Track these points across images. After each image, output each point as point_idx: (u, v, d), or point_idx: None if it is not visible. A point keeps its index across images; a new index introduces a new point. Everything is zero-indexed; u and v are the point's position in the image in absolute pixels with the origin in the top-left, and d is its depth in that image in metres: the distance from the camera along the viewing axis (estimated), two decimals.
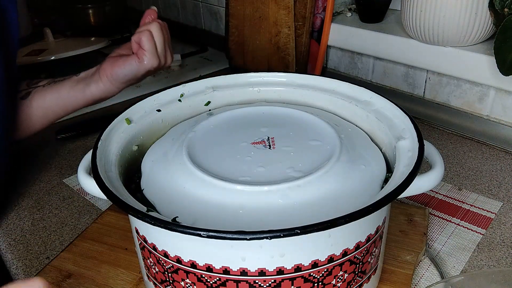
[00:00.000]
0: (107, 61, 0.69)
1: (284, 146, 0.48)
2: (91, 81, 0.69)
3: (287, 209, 0.40)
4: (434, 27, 0.74)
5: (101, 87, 0.68)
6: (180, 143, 0.49)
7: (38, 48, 1.14)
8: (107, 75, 0.68)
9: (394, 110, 0.51)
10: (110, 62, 0.68)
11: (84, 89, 0.69)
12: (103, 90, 0.69)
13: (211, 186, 0.42)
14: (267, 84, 0.61)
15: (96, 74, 0.69)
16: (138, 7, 1.66)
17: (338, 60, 1.01)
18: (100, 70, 0.68)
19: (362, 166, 0.46)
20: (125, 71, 0.67)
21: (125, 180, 0.47)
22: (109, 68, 0.68)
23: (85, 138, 0.86)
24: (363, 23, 0.92)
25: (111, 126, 0.50)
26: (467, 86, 0.80)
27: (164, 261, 0.40)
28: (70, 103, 0.70)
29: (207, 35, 1.34)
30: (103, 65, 0.69)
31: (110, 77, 0.68)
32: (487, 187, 0.67)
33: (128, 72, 0.67)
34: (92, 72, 0.70)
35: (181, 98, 0.59)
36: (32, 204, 0.69)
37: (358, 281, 0.43)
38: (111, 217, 0.62)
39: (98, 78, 0.68)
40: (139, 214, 0.36)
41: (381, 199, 0.36)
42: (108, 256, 0.55)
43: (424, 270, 0.53)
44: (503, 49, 0.64)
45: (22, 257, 0.58)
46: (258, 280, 0.38)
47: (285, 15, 0.95)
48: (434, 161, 0.44)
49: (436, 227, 0.60)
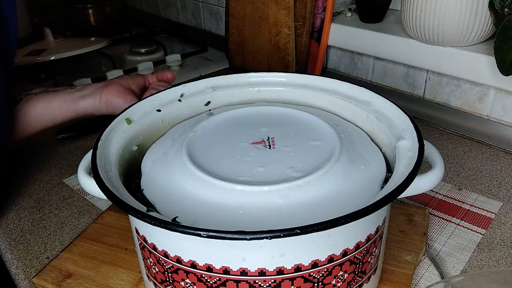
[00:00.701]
0: (114, 86, 0.70)
1: (284, 146, 0.48)
2: (89, 96, 0.70)
3: (287, 209, 0.40)
4: (434, 27, 0.74)
5: (96, 105, 0.70)
6: (180, 143, 0.49)
7: (38, 48, 1.14)
8: (107, 99, 0.69)
9: (394, 110, 0.51)
10: (117, 90, 0.70)
11: (79, 101, 0.69)
12: (97, 108, 0.70)
13: (211, 186, 0.42)
14: (267, 84, 0.61)
15: (97, 91, 0.70)
16: (138, 7, 1.67)
17: (338, 60, 1.01)
18: (104, 91, 0.70)
19: (362, 166, 0.46)
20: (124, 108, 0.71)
21: (125, 180, 0.47)
22: (114, 95, 0.69)
23: (85, 138, 0.86)
24: (363, 23, 0.92)
25: (111, 126, 0.50)
26: (467, 86, 0.80)
27: (164, 261, 0.40)
28: (60, 114, 0.70)
29: (207, 35, 1.34)
30: (109, 87, 0.70)
31: (108, 102, 0.69)
32: (487, 187, 0.67)
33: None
34: (94, 88, 0.71)
35: (181, 98, 0.59)
36: (32, 204, 0.69)
37: (358, 281, 0.43)
38: (111, 217, 0.62)
39: (98, 96, 0.69)
40: (139, 214, 0.36)
41: (381, 199, 0.36)
42: (108, 256, 0.55)
43: (424, 270, 0.53)
44: (503, 49, 0.64)
45: (22, 257, 0.58)
46: (258, 280, 0.38)
47: (285, 15, 0.95)
48: (434, 161, 0.44)
49: (436, 227, 0.60)
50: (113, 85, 0.71)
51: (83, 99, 0.69)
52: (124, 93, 0.70)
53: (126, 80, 0.73)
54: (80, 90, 0.71)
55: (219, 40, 1.24)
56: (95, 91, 0.70)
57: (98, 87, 0.71)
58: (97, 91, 0.70)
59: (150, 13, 1.61)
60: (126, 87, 0.72)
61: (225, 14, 1.10)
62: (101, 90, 0.70)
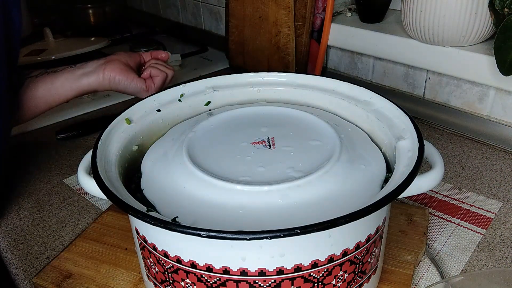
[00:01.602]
0: (116, 63, 0.74)
1: (284, 146, 0.48)
2: (92, 73, 0.72)
3: (287, 209, 0.40)
4: (434, 27, 0.74)
5: (100, 80, 0.72)
6: (180, 143, 0.49)
7: (38, 48, 1.14)
8: (110, 75, 0.72)
9: (394, 110, 0.51)
10: (119, 67, 0.73)
11: (82, 79, 0.72)
12: (100, 84, 0.73)
13: (211, 186, 0.42)
14: (267, 84, 0.61)
15: (100, 68, 0.72)
16: (138, 7, 1.67)
17: (338, 60, 1.01)
18: (107, 67, 0.72)
19: (362, 166, 0.46)
20: (127, 85, 0.74)
21: (125, 180, 0.47)
22: (116, 72, 0.73)
23: (85, 138, 0.86)
24: (363, 23, 0.92)
25: (111, 126, 0.50)
26: (467, 86, 0.80)
27: (164, 261, 0.40)
28: (64, 93, 0.72)
29: (207, 35, 1.34)
30: (111, 64, 0.73)
31: (112, 79, 0.72)
32: (487, 187, 0.67)
33: (128, 87, 0.74)
34: (95, 65, 0.73)
35: (181, 98, 0.59)
36: (32, 204, 0.69)
37: (358, 281, 0.43)
38: (111, 217, 0.62)
39: (101, 73, 0.72)
40: (139, 214, 0.36)
41: (381, 199, 0.36)
42: (108, 256, 0.55)
43: (424, 270, 0.53)
44: (503, 49, 0.64)
45: (22, 257, 0.58)
46: (258, 280, 0.38)
47: (285, 15, 0.95)
48: (434, 161, 0.44)
49: (436, 227, 0.60)
50: (115, 62, 0.74)
51: (86, 76, 0.72)
52: (126, 70, 0.74)
53: (124, 57, 0.77)
54: (82, 68, 0.73)
55: (219, 40, 1.24)
56: (97, 68, 0.73)
57: (99, 64, 0.73)
58: (99, 67, 0.73)
59: (150, 13, 1.61)
60: (126, 64, 0.75)
61: (225, 14, 1.10)
62: (103, 67, 0.72)
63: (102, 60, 0.74)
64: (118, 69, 0.73)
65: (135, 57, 0.79)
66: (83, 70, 0.73)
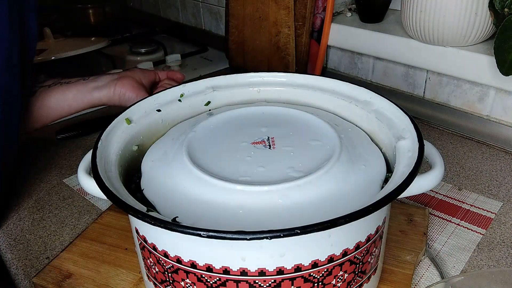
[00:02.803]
0: (128, 80, 0.73)
1: (284, 146, 0.48)
2: (103, 87, 0.72)
3: (287, 209, 0.40)
4: (434, 27, 0.74)
5: (110, 95, 0.72)
6: (180, 143, 0.49)
7: (38, 48, 1.13)
8: (121, 91, 0.72)
9: (394, 110, 0.51)
10: (131, 84, 0.73)
11: (93, 92, 0.72)
12: (110, 99, 0.73)
13: (211, 186, 0.42)
14: (267, 84, 0.61)
15: (112, 83, 0.72)
16: (138, 7, 1.67)
17: (338, 60, 1.01)
18: (119, 83, 0.72)
19: (362, 166, 0.46)
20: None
21: (125, 180, 0.47)
22: (127, 88, 0.72)
23: (85, 138, 0.86)
24: (363, 23, 0.92)
25: (111, 126, 0.50)
26: (467, 86, 0.80)
27: (164, 261, 0.40)
28: (75, 105, 0.72)
29: (207, 35, 1.34)
30: (123, 80, 0.73)
31: (122, 95, 0.72)
32: (487, 187, 0.67)
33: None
34: (108, 79, 0.73)
35: (181, 98, 0.59)
36: (32, 204, 0.69)
37: (358, 281, 0.43)
38: (111, 217, 0.62)
39: (113, 88, 0.72)
40: (139, 214, 0.36)
41: (381, 199, 0.36)
42: (108, 256, 0.55)
43: (424, 270, 0.53)
44: (503, 49, 0.64)
45: (22, 257, 0.58)
46: (258, 280, 0.38)
47: (285, 15, 0.95)
48: (434, 161, 0.44)
49: (436, 227, 0.60)
50: (127, 79, 0.73)
51: (97, 90, 0.72)
52: (137, 88, 0.73)
53: (138, 75, 0.76)
54: (94, 81, 0.73)
55: (219, 40, 1.24)
56: (109, 82, 0.72)
57: (112, 79, 0.73)
58: (111, 82, 0.72)
59: (150, 13, 1.61)
60: (139, 81, 0.75)
61: (225, 14, 1.10)
62: (115, 82, 0.72)
63: (116, 75, 0.74)
64: (129, 85, 0.72)
65: (150, 75, 0.79)
66: (96, 83, 0.72)
